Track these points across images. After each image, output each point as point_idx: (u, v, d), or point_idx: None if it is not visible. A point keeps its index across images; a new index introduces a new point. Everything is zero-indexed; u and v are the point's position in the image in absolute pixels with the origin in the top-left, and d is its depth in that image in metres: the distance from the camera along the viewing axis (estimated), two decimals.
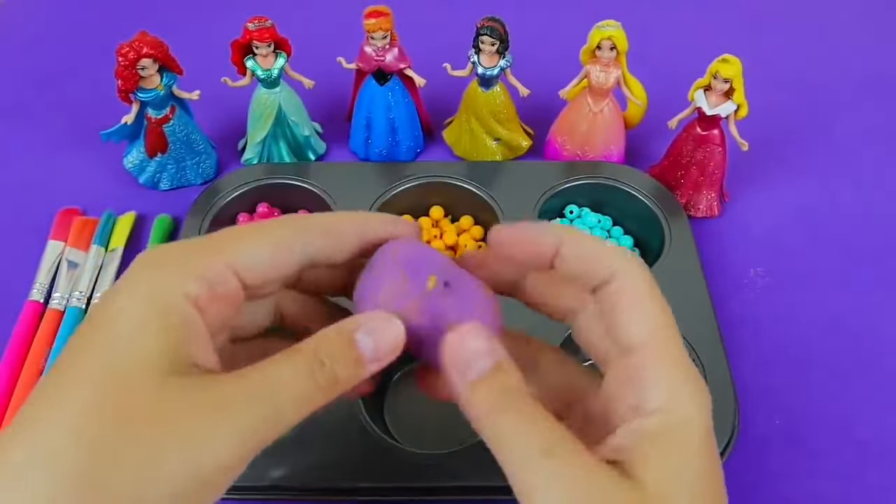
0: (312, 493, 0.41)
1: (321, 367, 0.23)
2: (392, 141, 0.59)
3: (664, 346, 0.24)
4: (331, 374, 0.23)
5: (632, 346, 0.24)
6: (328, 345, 0.24)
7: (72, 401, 0.20)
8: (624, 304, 0.24)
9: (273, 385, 0.23)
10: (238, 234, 0.25)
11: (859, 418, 0.46)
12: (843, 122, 0.65)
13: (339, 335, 0.24)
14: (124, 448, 0.20)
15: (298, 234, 0.25)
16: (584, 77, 0.55)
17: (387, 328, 0.25)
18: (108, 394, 0.21)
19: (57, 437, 0.20)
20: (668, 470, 0.22)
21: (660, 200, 0.54)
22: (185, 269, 0.23)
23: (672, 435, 0.23)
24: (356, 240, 0.27)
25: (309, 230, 0.26)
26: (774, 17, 0.76)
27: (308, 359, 0.23)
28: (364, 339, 0.24)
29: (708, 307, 0.47)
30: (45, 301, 0.51)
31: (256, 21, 0.53)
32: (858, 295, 0.53)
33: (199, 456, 0.21)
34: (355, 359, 0.24)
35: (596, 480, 0.22)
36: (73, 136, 0.63)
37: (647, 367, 0.23)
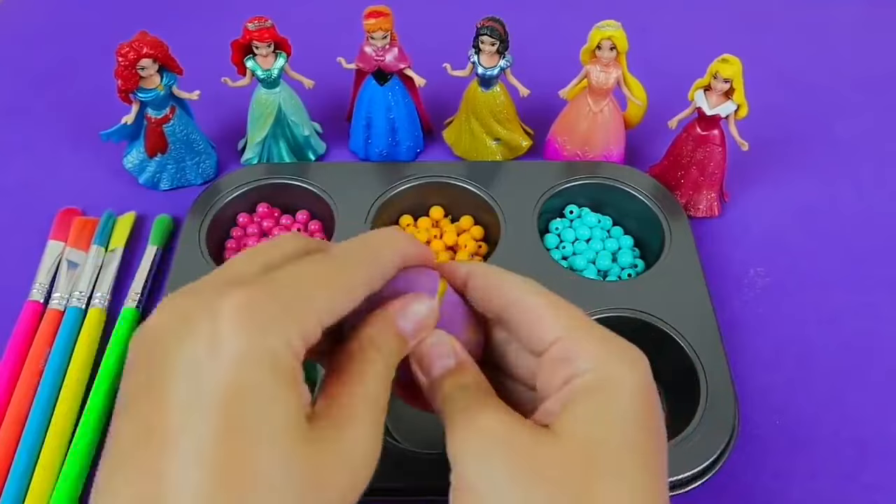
0: None
1: (385, 361, 0.26)
2: (392, 141, 0.59)
3: (588, 328, 0.26)
4: (390, 365, 0.26)
5: (559, 336, 0.26)
6: (383, 340, 0.26)
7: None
8: (539, 311, 0.27)
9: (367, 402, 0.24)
10: (320, 282, 0.24)
11: (859, 418, 0.46)
12: (843, 122, 0.65)
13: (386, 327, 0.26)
14: None
15: (367, 275, 0.26)
16: (584, 77, 0.55)
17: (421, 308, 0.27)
18: (292, 449, 0.21)
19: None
20: (596, 420, 0.24)
21: (660, 200, 0.54)
22: (290, 328, 0.22)
23: (600, 390, 0.25)
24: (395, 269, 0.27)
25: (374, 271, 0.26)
26: (774, 17, 0.76)
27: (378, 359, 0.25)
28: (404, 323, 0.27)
29: (708, 307, 0.47)
30: (45, 301, 0.51)
31: (256, 21, 0.53)
32: (858, 295, 0.53)
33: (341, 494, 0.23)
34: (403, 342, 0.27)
35: (514, 432, 0.24)
36: (73, 136, 0.63)
37: (576, 344, 0.26)
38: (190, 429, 0.20)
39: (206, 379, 0.20)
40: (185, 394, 0.20)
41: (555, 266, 0.51)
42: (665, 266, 0.50)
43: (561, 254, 0.53)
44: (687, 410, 0.43)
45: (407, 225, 0.55)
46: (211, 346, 0.20)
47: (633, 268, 0.53)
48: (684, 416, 0.43)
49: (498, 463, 0.23)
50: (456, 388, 0.26)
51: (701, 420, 0.42)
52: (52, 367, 0.47)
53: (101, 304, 0.50)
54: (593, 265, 0.53)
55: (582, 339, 0.26)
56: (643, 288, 0.49)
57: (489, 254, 0.52)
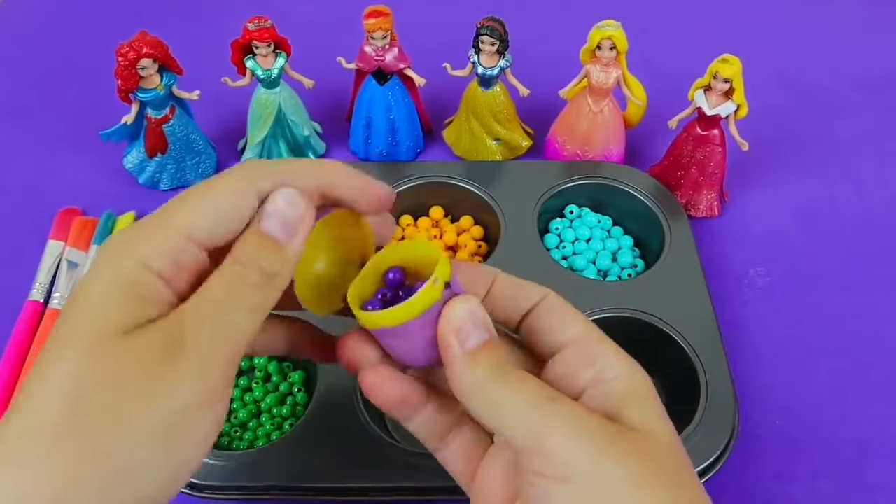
0: (312, 493, 0.41)
1: (244, 268, 0.24)
2: (392, 141, 0.59)
3: (602, 337, 0.28)
4: (257, 269, 0.24)
5: (576, 338, 0.27)
6: (243, 246, 0.25)
7: (56, 370, 0.22)
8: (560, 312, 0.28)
9: (212, 305, 0.24)
10: (187, 199, 0.25)
11: (859, 418, 0.46)
12: (843, 122, 0.65)
13: (246, 233, 0.25)
14: (105, 404, 0.22)
15: (248, 181, 0.25)
16: (584, 77, 0.55)
17: (282, 201, 0.25)
18: (86, 358, 0.22)
19: (45, 404, 0.22)
20: (646, 416, 0.26)
21: (660, 200, 0.54)
22: (146, 249, 0.24)
23: (636, 393, 0.26)
24: (315, 190, 0.26)
25: (258, 176, 0.25)
26: (774, 17, 0.76)
27: (231, 267, 0.24)
28: (269, 223, 0.25)
29: (708, 307, 0.47)
30: (45, 301, 0.51)
31: (256, 21, 0.53)
32: (858, 295, 0.53)
33: (171, 398, 0.22)
34: (271, 245, 0.25)
35: (598, 419, 0.25)
36: (73, 136, 0.63)
37: (597, 349, 0.27)
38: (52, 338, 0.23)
39: (72, 297, 0.24)
40: (63, 312, 0.24)
41: (555, 266, 0.51)
42: (665, 266, 0.50)
43: (561, 254, 0.53)
44: (687, 410, 0.43)
45: (407, 225, 0.55)
46: (84, 275, 0.26)
47: (633, 268, 0.53)
48: (684, 416, 0.43)
49: (600, 450, 0.24)
50: (495, 364, 0.25)
51: (701, 420, 0.42)
52: None
53: None
54: (593, 265, 0.53)
55: (603, 343, 0.27)
56: (643, 288, 0.49)
57: (489, 254, 0.52)
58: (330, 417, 0.42)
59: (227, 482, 0.40)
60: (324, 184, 0.26)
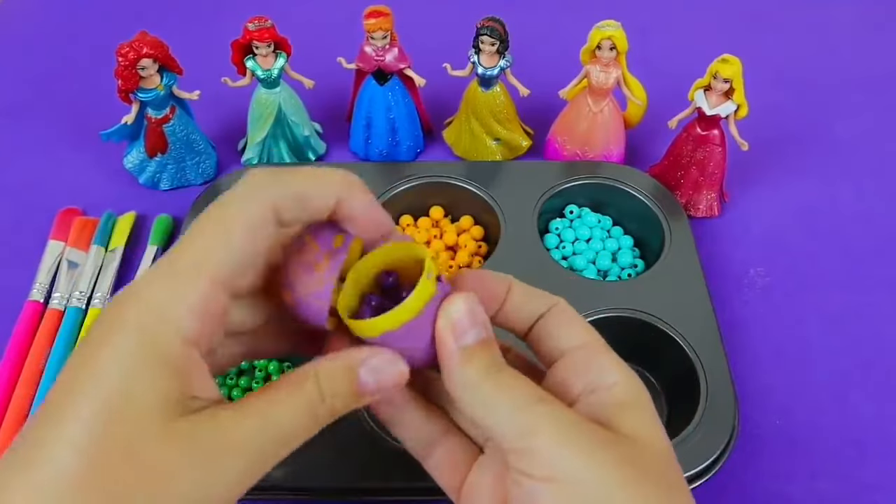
0: (312, 493, 0.41)
1: (322, 404, 0.24)
2: (392, 141, 0.59)
3: (604, 346, 0.28)
4: (330, 408, 0.24)
5: (577, 345, 0.27)
6: (331, 382, 0.24)
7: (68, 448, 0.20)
8: (566, 320, 0.28)
9: (275, 426, 0.23)
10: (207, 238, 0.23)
11: (859, 418, 0.46)
12: (843, 122, 0.65)
13: (343, 373, 0.25)
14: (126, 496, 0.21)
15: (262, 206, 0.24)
16: (584, 77, 0.55)
17: (391, 368, 0.25)
18: (108, 442, 0.21)
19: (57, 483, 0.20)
20: (639, 424, 0.26)
21: (660, 200, 0.54)
22: (175, 307, 0.22)
23: (631, 402, 0.26)
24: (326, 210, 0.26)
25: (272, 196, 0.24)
26: (774, 17, 0.76)
27: (311, 398, 0.24)
28: (367, 378, 0.25)
29: (708, 307, 0.47)
30: (45, 301, 0.51)
31: (256, 21, 0.53)
32: (858, 295, 0.53)
33: (196, 498, 0.22)
34: (355, 394, 0.25)
35: (587, 423, 0.25)
36: (73, 136, 0.63)
37: (597, 357, 0.27)
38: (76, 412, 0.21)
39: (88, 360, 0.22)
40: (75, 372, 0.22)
41: (555, 266, 0.51)
42: (665, 266, 0.50)
43: (561, 254, 0.53)
44: (687, 410, 0.43)
45: (407, 225, 0.55)
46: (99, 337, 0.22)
47: (633, 268, 0.53)
48: (684, 416, 0.43)
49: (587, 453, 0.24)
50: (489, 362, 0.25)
51: (701, 420, 0.42)
52: (53, 367, 0.47)
53: (101, 304, 0.50)
54: (593, 265, 0.53)
55: (603, 352, 0.27)
56: (643, 288, 0.49)
57: (489, 254, 0.52)
58: None
59: None
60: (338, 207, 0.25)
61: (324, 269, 0.25)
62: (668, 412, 0.46)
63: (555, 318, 0.28)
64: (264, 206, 0.24)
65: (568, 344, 0.27)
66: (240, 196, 0.24)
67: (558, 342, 0.28)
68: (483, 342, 0.26)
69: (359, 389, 0.25)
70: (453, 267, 0.52)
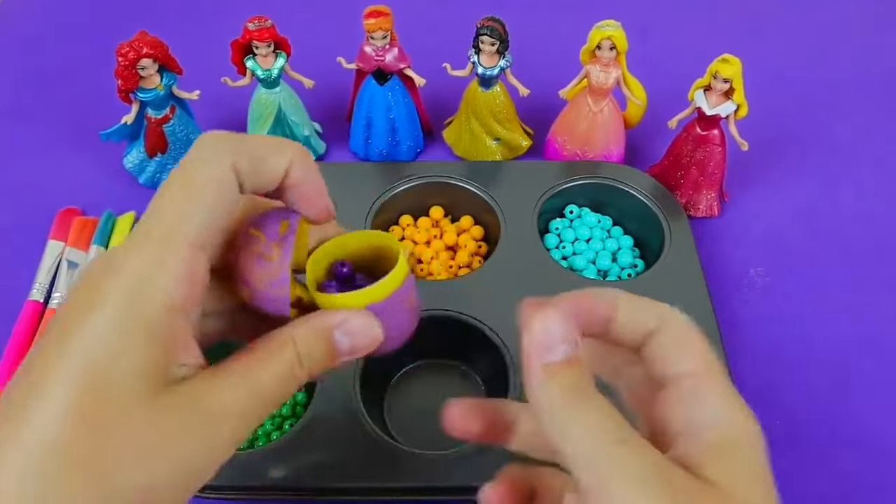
0: (312, 493, 0.41)
1: (300, 367, 0.24)
2: (392, 141, 0.59)
3: (718, 374, 0.25)
4: (308, 370, 0.25)
5: (688, 372, 0.25)
6: (308, 346, 0.25)
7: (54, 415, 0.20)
8: (678, 339, 0.25)
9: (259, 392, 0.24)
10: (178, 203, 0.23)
11: (859, 418, 0.46)
12: (843, 122, 0.65)
13: (319, 336, 0.25)
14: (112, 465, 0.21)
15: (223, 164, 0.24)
16: (584, 77, 0.55)
17: (367, 332, 0.26)
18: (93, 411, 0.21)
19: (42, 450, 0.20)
20: (736, 473, 0.23)
21: (660, 200, 0.54)
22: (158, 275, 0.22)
23: (734, 446, 0.23)
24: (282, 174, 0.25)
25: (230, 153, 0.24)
26: (774, 17, 0.76)
27: (291, 362, 0.24)
28: (342, 340, 0.25)
29: (708, 307, 0.47)
30: (45, 301, 0.51)
31: (256, 21, 0.53)
32: (858, 295, 0.52)
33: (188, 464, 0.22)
34: (330, 356, 0.25)
35: (670, 469, 0.22)
36: (73, 136, 0.63)
37: (705, 389, 0.24)
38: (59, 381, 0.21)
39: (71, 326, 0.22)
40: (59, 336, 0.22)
41: (555, 266, 0.51)
42: (665, 266, 0.50)
43: (561, 254, 0.53)
44: None
45: (407, 225, 0.55)
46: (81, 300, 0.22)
47: (633, 268, 0.53)
48: None
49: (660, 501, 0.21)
50: (574, 383, 0.23)
51: None
52: None
53: None
54: (593, 265, 0.53)
55: (716, 383, 0.25)
56: (643, 288, 0.48)
57: (489, 254, 0.52)
58: (330, 417, 0.42)
59: (228, 482, 0.40)
60: (288, 173, 0.25)
61: (276, 258, 0.25)
62: None
63: (666, 336, 0.25)
64: (226, 165, 0.24)
65: (675, 370, 0.25)
66: (201, 158, 0.24)
67: (664, 367, 0.25)
68: (570, 360, 0.23)
69: (334, 351, 0.25)
70: (453, 267, 0.52)
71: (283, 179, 0.25)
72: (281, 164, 0.25)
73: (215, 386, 0.23)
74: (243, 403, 0.23)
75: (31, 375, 0.21)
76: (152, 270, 0.22)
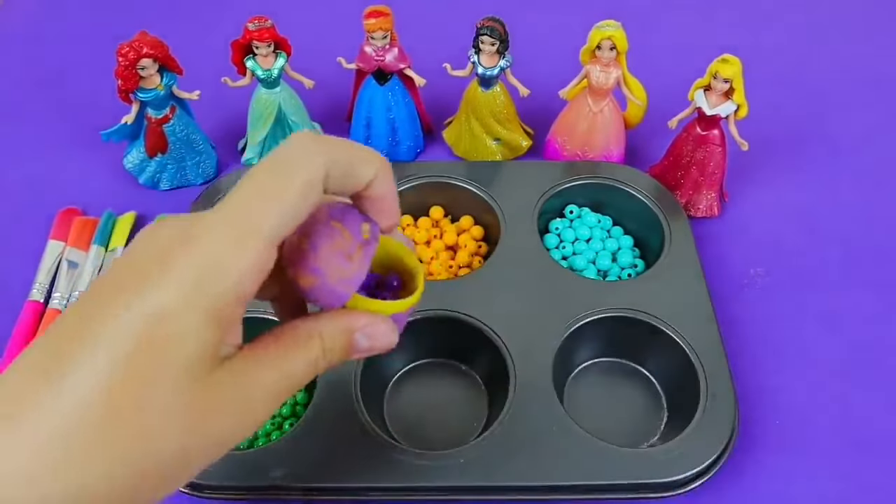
0: (312, 493, 0.41)
1: (322, 358, 0.27)
2: (392, 141, 0.59)
3: None
4: (328, 362, 0.27)
5: None
6: (332, 341, 0.27)
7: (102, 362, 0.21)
8: None
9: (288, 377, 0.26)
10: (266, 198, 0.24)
11: (859, 418, 0.46)
12: (843, 122, 0.65)
13: (343, 334, 0.27)
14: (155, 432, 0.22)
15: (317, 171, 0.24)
16: (584, 77, 0.55)
17: (387, 338, 0.28)
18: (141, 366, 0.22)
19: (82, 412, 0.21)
20: None
21: (660, 200, 0.54)
22: (234, 265, 0.23)
23: None
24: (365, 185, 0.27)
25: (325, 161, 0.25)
26: (774, 17, 0.76)
27: (316, 353, 0.27)
28: (362, 341, 0.28)
29: (708, 307, 0.47)
30: (45, 301, 0.51)
31: (256, 21, 0.53)
32: (858, 295, 0.53)
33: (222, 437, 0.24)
34: (348, 352, 0.28)
35: None
36: (73, 136, 0.63)
37: None
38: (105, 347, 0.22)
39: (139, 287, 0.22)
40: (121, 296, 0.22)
41: (555, 266, 0.51)
42: (665, 266, 0.50)
43: (561, 254, 0.53)
44: (687, 410, 0.43)
45: (407, 225, 0.55)
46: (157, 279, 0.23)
47: (633, 268, 0.53)
48: (684, 416, 0.43)
49: None
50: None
51: (701, 420, 0.42)
52: None
53: None
54: (593, 265, 0.53)
55: None
56: (643, 288, 0.49)
57: (489, 254, 0.52)
58: (330, 417, 0.42)
59: (227, 482, 0.40)
60: (371, 185, 0.26)
61: (356, 260, 0.27)
62: (668, 412, 0.46)
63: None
64: (319, 171, 0.24)
65: None
66: (297, 158, 0.25)
67: None
68: None
69: (351, 349, 0.28)
70: (453, 267, 0.52)
71: (364, 188, 0.26)
72: (367, 174, 0.26)
73: (254, 368, 0.25)
74: (277, 386, 0.25)
75: (81, 323, 0.22)
76: (228, 258, 0.23)
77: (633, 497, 0.41)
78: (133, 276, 0.23)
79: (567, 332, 0.46)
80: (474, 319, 0.46)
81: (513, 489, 0.40)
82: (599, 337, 0.48)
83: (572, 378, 0.48)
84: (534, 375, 0.44)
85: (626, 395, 0.47)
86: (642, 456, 0.41)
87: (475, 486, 0.40)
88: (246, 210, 0.24)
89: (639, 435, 0.45)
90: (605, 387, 0.48)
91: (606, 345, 0.48)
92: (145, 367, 0.21)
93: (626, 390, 0.47)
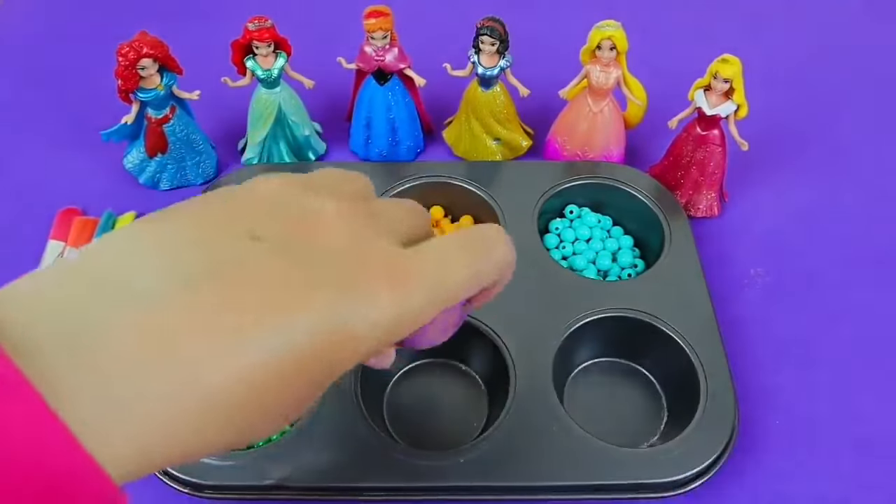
0: (312, 493, 0.41)
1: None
2: (392, 141, 0.59)
3: None
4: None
5: None
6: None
7: None
8: None
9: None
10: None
11: (859, 418, 0.46)
12: (843, 122, 0.65)
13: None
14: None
15: None
16: (584, 77, 0.55)
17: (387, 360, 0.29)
18: None
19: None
20: None
21: (660, 200, 0.54)
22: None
23: None
24: None
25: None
26: (774, 17, 0.76)
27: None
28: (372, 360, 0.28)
29: (708, 307, 0.47)
30: None
31: (256, 21, 0.53)
32: (859, 295, 0.53)
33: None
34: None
35: None
36: (73, 136, 0.63)
37: None
38: None
39: None
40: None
41: (555, 266, 0.51)
42: (665, 266, 0.50)
43: (561, 254, 0.53)
44: (687, 410, 0.43)
45: None
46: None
47: (633, 268, 0.53)
48: (684, 416, 0.43)
49: None
50: None
51: (701, 420, 0.42)
52: None
53: None
54: (593, 265, 0.53)
55: None
56: (643, 288, 0.49)
57: None
58: (330, 417, 0.42)
59: (227, 482, 0.40)
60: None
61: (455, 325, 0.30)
62: (668, 412, 0.46)
63: None
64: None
65: None
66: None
67: None
68: None
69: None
70: None
71: None
72: (490, 283, 0.28)
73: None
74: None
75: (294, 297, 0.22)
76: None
77: (633, 497, 0.41)
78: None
79: (567, 331, 0.46)
80: (474, 319, 0.46)
81: (512, 489, 0.41)
82: (599, 337, 0.48)
83: (572, 378, 0.48)
84: (534, 375, 0.44)
85: (626, 395, 0.47)
86: (642, 456, 0.41)
87: (475, 486, 0.40)
88: None
89: (639, 435, 0.45)
90: (605, 387, 0.48)
91: (606, 345, 0.48)
92: None
93: (626, 390, 0.47)
